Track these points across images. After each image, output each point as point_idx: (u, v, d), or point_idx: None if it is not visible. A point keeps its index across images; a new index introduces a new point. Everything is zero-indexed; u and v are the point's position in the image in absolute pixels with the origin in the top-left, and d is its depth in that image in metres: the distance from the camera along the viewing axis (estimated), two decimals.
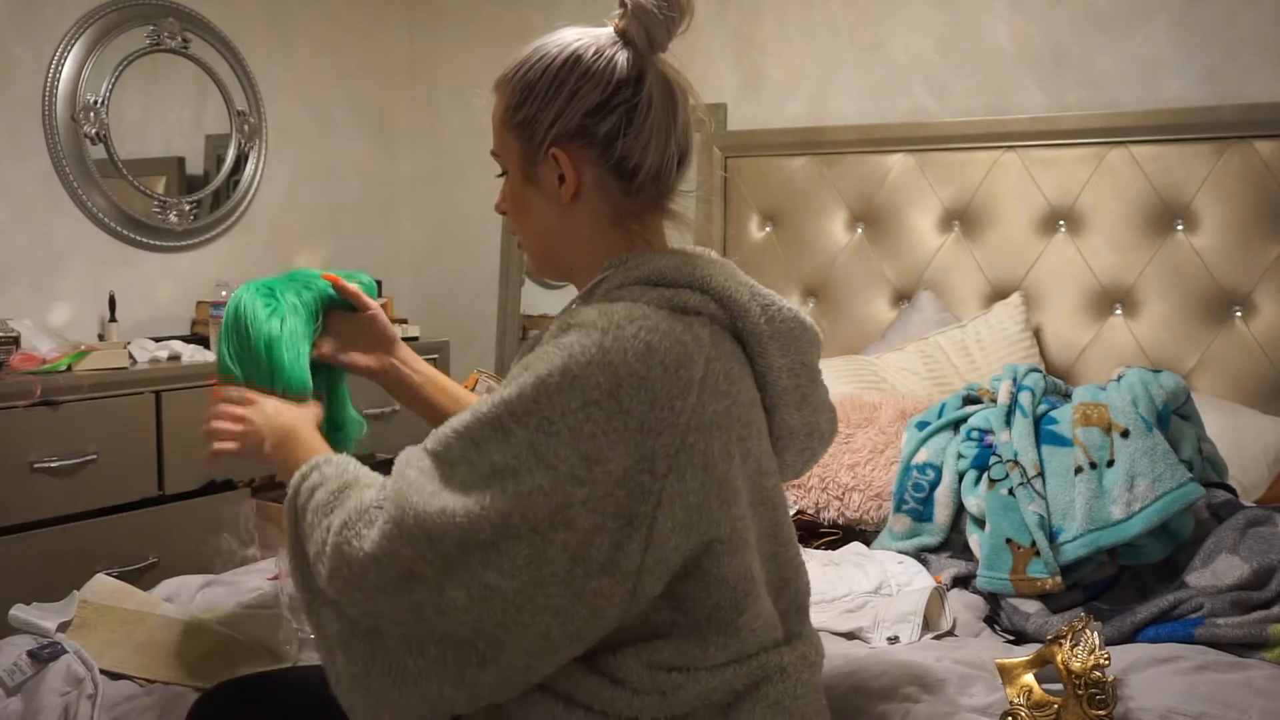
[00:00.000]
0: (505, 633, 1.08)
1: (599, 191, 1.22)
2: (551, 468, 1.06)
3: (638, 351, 1.08)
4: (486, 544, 1.07)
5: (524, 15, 3.59)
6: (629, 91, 1.19)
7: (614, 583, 1.08)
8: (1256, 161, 2.56)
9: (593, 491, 1.06)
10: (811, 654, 1.25)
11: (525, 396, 1.08)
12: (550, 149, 1.20)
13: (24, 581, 2.25)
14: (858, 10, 3.10)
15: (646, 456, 1.07)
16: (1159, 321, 2.68)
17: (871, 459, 2.20)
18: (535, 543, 1.06)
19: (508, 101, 1.23)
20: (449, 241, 3.86)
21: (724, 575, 1.13)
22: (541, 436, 1.06)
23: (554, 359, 1.08)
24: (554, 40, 1.22)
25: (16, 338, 2.63)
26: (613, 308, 1.12)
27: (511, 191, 1.26)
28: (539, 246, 1.28)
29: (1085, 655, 1.38)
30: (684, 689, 1.12)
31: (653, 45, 1.21)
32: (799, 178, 3.08)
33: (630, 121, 1.19)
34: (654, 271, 1.18)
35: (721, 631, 1.14)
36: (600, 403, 1.06)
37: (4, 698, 1.56)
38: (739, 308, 1.18)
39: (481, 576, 1.07)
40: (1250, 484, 2.25)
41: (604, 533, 1.07)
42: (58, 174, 2.95)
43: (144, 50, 3.10)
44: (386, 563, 1.10)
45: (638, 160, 1.20)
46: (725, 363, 1.15)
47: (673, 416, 1.08)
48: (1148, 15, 2.74)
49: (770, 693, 1.16)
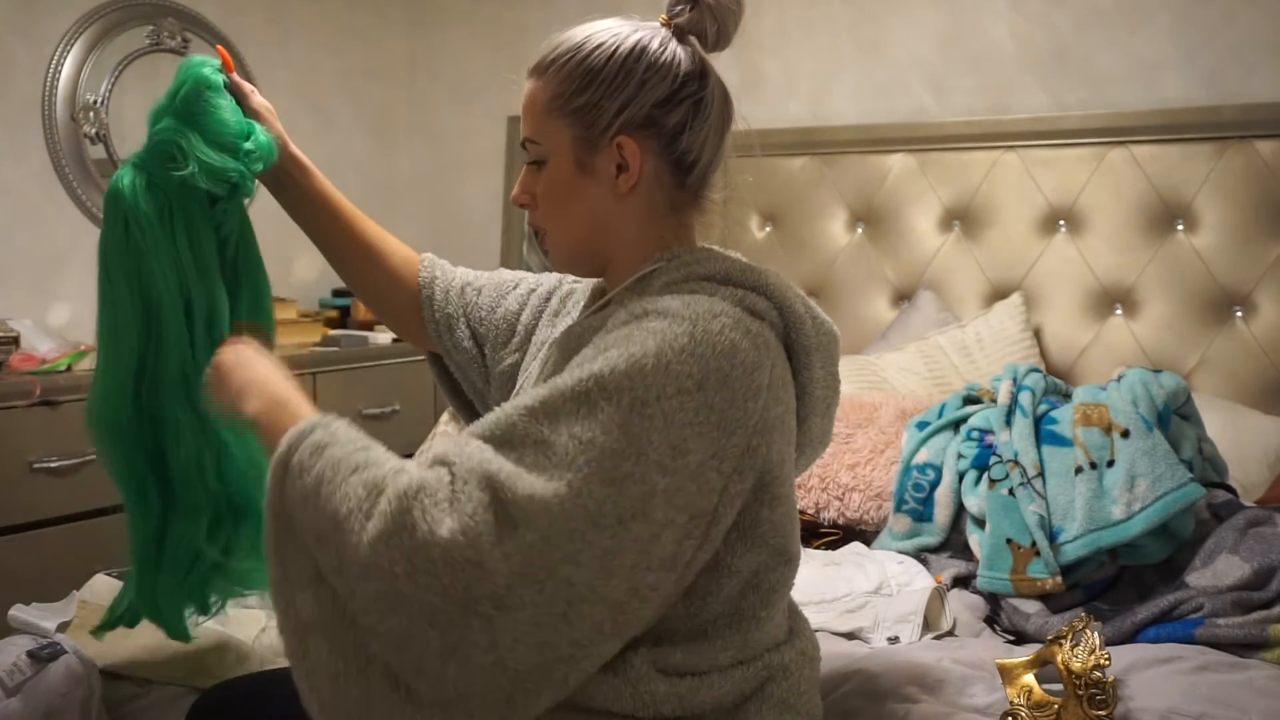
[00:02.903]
0: (564, 622, 0.99)
1: (656, 184, 1.22)
2: (642, 453, 1.01)
3: (724, 348, 1.07)
4: (574, 534, 0.98)
5: (524, 15, 3.59)
6: (695, 85, 1.20)
7: (669, 577, 1.05)
8: (1257, 161, 2.56)
9: (672, 483, 1.03)
10: (809, 649, 1.26)
11: (618, 372, 1.02)
12: (616, 138, 1.19)
13: (24, 581, 2.25)
14: (858, 10, 3.10)
15: (718, 454, 1.06)
16: (1159, 321, 2.67)
17: (871, 459, 2.20)
18: (618, 533, 1.00)
19: (560, 88, 1.20)
20: (449, 241, 3.85)
21: (739, 569, 1.13)
22: (635, 418, 1.01)
23: (646, 341, 1.05)
24: (604, 29, 1.21)
25: (16, 338, 2.63)
26: (696, 300, 1.11)
27: (554, 180, 1.22)
28: (577, 237, 1.24)
29: (1085, 655, 1.38)
30: (699, 693, 1.11)
31: (721, 41, 1.22)
32: (799, 178, 3.08)
33: (696, 115, 1.20)
34: (721, 271, 1.18)
35: (732, 627, 1.14)
36: (691, 392, 1.04)
37: (4, 698, 1.56)
38: (795, 318, 1.19)
39: (559, 571, 0.98)
40: (1250, 484, 2.25)
41: (672, 528, 1.04)
42: (57, 174, 2.95)
43: (144, 50, 3.10)
44: (463, 545, 0.96)
45: (696, 155, 1.21)
46: (782, 371, 1.16)
47: (745, 418, 1.08)
48: (1148, 15, 2.74)
49: (775, 692, 1.17)
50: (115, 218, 1.33)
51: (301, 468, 1.04)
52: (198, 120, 1.31)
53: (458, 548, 0.96)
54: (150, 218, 1.31)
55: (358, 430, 1.09)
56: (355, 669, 1.01)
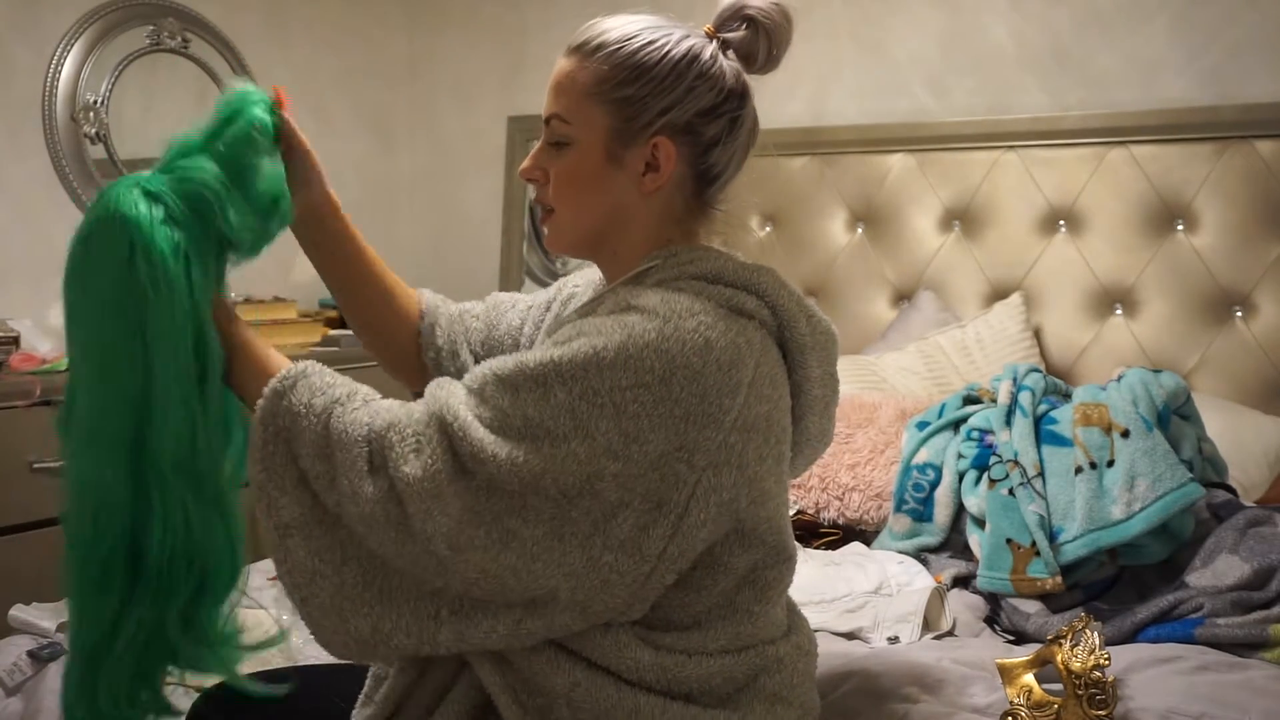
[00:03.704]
0: (514, 578, 1.06)
1: (677, 190, 1.23)
2: (589, 437, 1.06)
3: (696, 346, 1.09)
4: (513, 494, 1.06)
5: (524, 15, 3.59)
6: (735, 103, 1.22)
7: (632, 563, 1.08)
8: (1257, 161, 2.56)
9: (625, 468, 1.06)
10: (805, 643, 1.27)
11: (575, 362, 1.07)
12: (654, 137, 1.19)
13: (24, 581, 2.25)
14: (858, 10, 3.10)
15: (686, 446, 1.08)
16: (1159, 321, 2.67)
17: (871, 459, 2.20)
18: (561, 504, 1.06)
19: (606, 74, 1.19)
20: (449, 241, 3.85)
21: (735, 566, 1.15)
22: (584, 405, 1.06)
23: (613, 334, 1.08)
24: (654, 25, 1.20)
25: (16, 338, 2.63)
26: (676, 297, 1.12)
27: (578, 164, 1.21)
28: (588, 224, 1.24)
29: (1085, 655, 1.38)
30: (685, 669, 1.13)
31: (770, 63, 1.24)
32: (799, 178, 3.08)
33: (731, 132, 1.22)
34: (713, 270, 1.18)
35: (725, 619, 1.16)
36: (650, 386, 1.06)
37: (4, 698, 1.56)
38: (788, 317, 1.20)
39: (504, 521, 1.06)
40: (1250, 484, 2.25)
41: (630, 511, 1.07)
42: (57, 174, 2.95)
43: (144, 50, 3.10)
44: (423, 478, 1.05)
45: (721, 170, 1.24)
46: (771, 369, 1.17)
47: (720, 414, 1.09)
48: (1148, 15, 2.74)
49: (768, 684, 1.18)
50: (115, 242, 1.13)
51: (312, 388, 1.12)
52: (242, 176, 1.19)
53: (419, 482, 1.05)
54: (165, 255, 1.13)
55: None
56: (331, 568, 1.08)
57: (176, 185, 1.16)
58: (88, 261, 1.15)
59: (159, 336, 1.13)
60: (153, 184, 1.16)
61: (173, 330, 1.13)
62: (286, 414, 1.11)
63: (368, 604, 1.08)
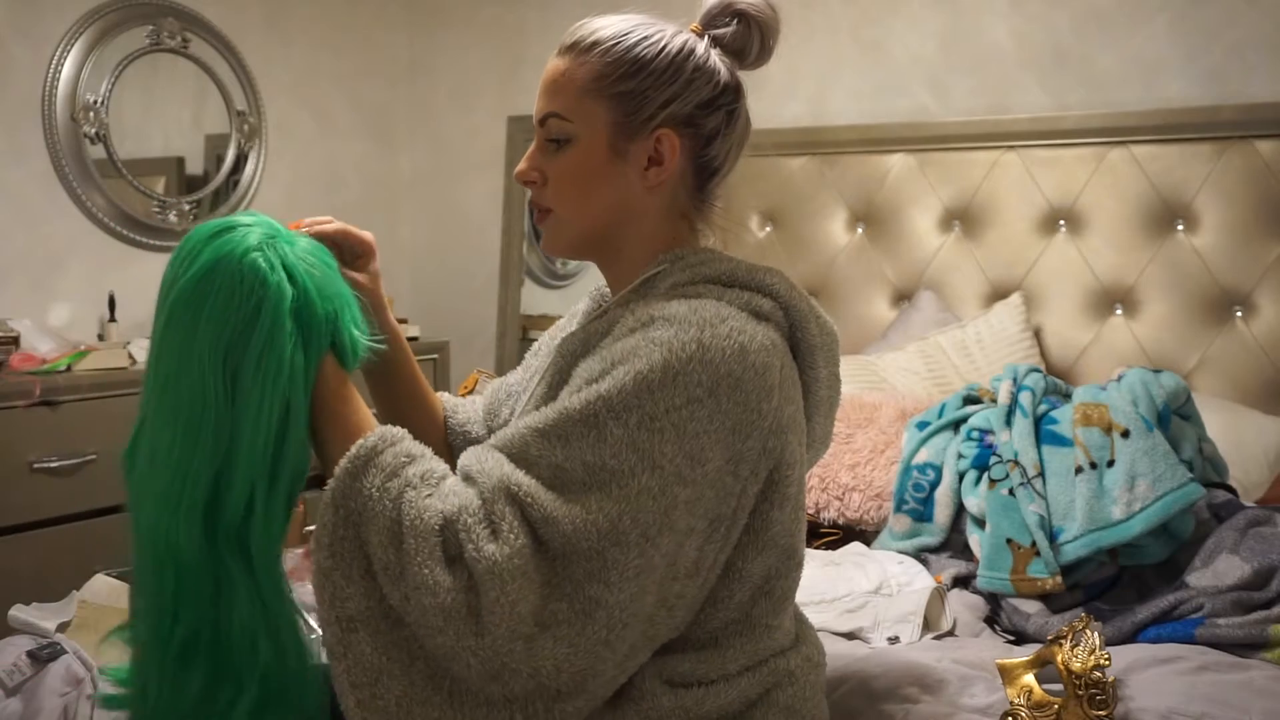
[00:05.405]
0: (607, 649, 1.00)
1: (680, 184, 1.23)
2: (658, 467, 1.01)
3: (734, 352, 1.07)
4: (592, 553, 1.00)
5: (524, 15, 3.59)
6: (731, 96, 1.23)
7: (694, 585, 1.07)
8: (1257, 161, 2.56)
9: (692, 492, 1.03)
10: (815, 655, 1.26)
11: (624, 391, 1.03)
12: (658, 130, 1.19)
13: (24, 581, 2.25)
14: (858, 10, 3.10)
15: (734, 458, 1.07)
16: (1159, 321, 2.67)
17: (872, 459, 2.20)
18: (646, 550, 1.00)
19: (604, 70, 1.18)
20: (449, 242, 3.85)
21: (751, 573, 1.14)
22: (644, 434, 1.02)
23: (652, 354, 1.05)
24: (645, 23, 1.21)
25: (16, 338, 2.63)
26: (702, 304, 1.11)
27: (580, 161, 1.20)
28: (592, 222, 1.22)
29: (1085, 655, 1.38)
30: (705, 703, 1.11)
31: (762, 57, 1.24)
32: (799, 178, 3.08)
33: (728, 125, 1.23)
34: (725, 272, 1.18)
35: (743, 635, 1.14)
36: (702, 400, 1.04)
37: (4, 698, 1.56)
38: (800, 318, 1.19)
39: (585, 588, 1.00)
40: (1251, 484, 2.25)
41: (695, 535, 1.05)
42: (57, 174, 2.95)
43: (144, 50, 3.10)
44: (510, 555, 0.98)
45: (719, 164, 1.24)
46: (789, 370, 1.17)
47: (759, 420, 1.08)
48: (1148, 15, 2.74)
49: (780, 698, 1.17)
50: (242, 297, 1.08)
51: (383, 470, 1.04)
52: (346, 296, 1.17)
53: (507, 559, 0.98)
54: (292, 332, 1.09)
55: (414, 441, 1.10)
56: (399, 667, 1.00)
57: (309, 272, 1.13)
58: (206, 309, 1.09)
59: (265, 401, 1.07)
60: (288, 262, 1.12)
61: (272, 400, 1.08)
62: (358, 496, 1.03)
63: (438, 707, 1.00)
